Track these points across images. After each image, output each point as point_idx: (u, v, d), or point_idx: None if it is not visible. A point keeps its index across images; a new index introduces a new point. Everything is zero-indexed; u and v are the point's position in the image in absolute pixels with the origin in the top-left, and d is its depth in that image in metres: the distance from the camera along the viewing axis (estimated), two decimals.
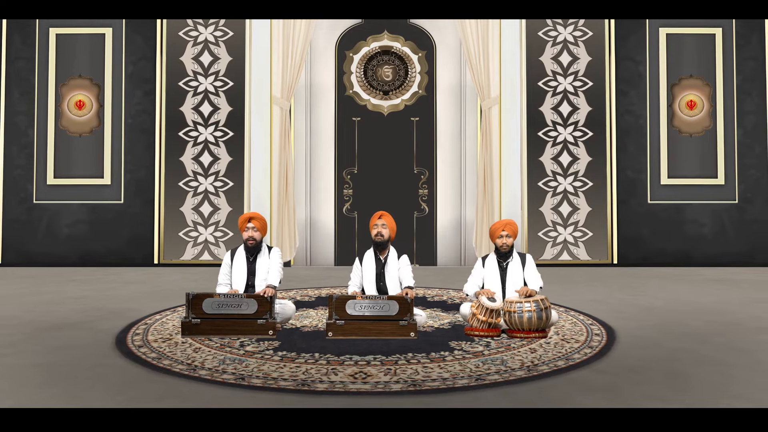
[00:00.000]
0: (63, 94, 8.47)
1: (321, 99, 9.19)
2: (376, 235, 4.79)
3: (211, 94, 8.47)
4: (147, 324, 4.76)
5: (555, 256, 8.42)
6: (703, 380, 3.30)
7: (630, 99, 8.56)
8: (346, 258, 8.89)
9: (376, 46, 9.16)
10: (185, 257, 8.36)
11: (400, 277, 4.80)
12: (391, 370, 3.49)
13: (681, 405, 2.88)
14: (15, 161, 8.48)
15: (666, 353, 3.90)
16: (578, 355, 3.83)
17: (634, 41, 8.52)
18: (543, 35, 8.48)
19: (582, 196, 8.48)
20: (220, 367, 3.55)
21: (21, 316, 5.11)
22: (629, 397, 3.03)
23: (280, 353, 3.86)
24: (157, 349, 3.99)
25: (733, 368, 3.53)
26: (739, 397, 3.00)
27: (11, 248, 8.44)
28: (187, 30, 8.42)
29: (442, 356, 3.80)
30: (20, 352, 3.93)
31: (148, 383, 3.29)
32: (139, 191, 8.49)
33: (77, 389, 3.20)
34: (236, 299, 4.38)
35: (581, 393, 3.10)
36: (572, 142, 8.50)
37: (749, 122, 8.53)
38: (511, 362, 3.66)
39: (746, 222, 8.51)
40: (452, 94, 9.21)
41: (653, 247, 8.48)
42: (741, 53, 8.50)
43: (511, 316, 4.30)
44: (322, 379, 3.31)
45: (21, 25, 8.46)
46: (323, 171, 9.19)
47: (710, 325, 4.73)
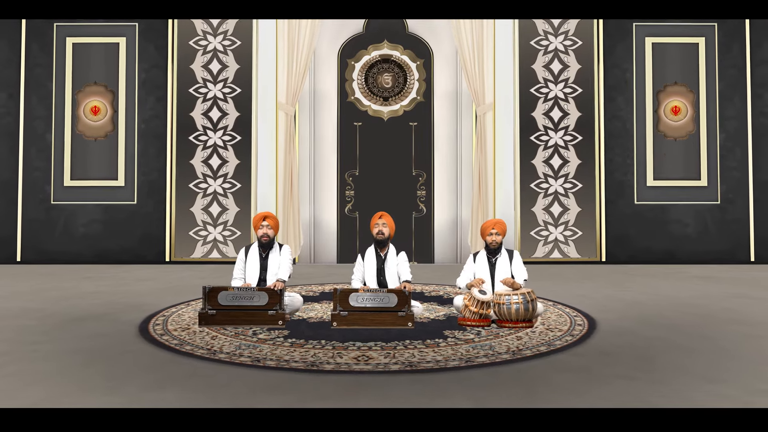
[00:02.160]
0: (79, 100, 8.76)
1: (324, 105, 9.39)
2: (377, 234, 5.07)
3: (219, 100, 8.73)
4: (165, 316, 5.03)
5: (546, 254, 8.68)
6: (667, 362, 3.64)
7: (617, 105, 8.81)
8: (347, 256, 9.13)
9: (377, 55, 9.35)
10: (195, 255, 8.63)
11: (398, 272, 5.08)
12: (390, 353, 3.81)
13: (644, 383, 3.24)
14: (33, 164, 8.73)
15: (640, 340, 4.20)
16: (560, 342, 4.14)
17: (621, 50, 8.78)
18: (535, 44, 8.75)
19: (572, 197, 8.74)
20: (236, 351, 3.87)
21: (46, 308, 5.35)
22: (599, 375, 3.37)
23: (290, 340, 4.15)
24: (177, 336, 4.28)
25: (695, 353, 3.86)
26: (695, 376, 3.37)
27: (30, 246, 8.68)
28: (196, 39, 8.70)
29: (436, 342, 4.11)
30: (55, 340, 4.22)
31: (175, 364, 3.60)
32: (152, 192, 8.74)
33: (116, 369, 3.52)
34: (249, 292, 4.65)
35: (557, 372, 3.44)
36: (563, 145, 8.75)
37: (731, 127, 8.79)
38: (498, 348, 3.98)
39: (728, 222, 8.76)
40: (449, 101, 9.40)
41: (640, 246, 8.73)
42: (723, 61, 8.77)
43: (500, 308, 4.58)
44: (329, 361, 3.63)
45: (39, 34, 8.72)
46: (326, 173, 9.37)
47: (686, 317, 5.01)
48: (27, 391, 3.09)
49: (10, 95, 8.74)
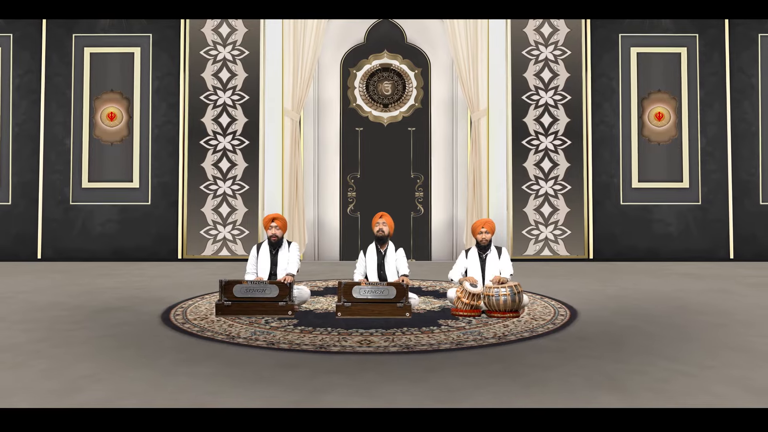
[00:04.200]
0: (96, 106, 9.02)
1: (327, 111, 9.60)
2: (378, 232, 5.44)
3: (228, 106, 8.99)
4: (183, 307, 5.34)
5: (537, 252, 8.97)
6: (633, 345, 4.05)
7: (604, 111, 9.06)
8: (350, 254, 9.35)
9: (377, 64, 9.54)
10: (206, 253, 8.92)
11: (397, 267, 5.44)
12: (390, 338, 4.20)
13: (608, 360, 3.67)
14: (53, 167, 8.99)
15: (615, 328, 4.55)
16: (542, 329, 4.51)
17: (608, 59, 9.05)
18: (526, 54, 9.02)
19: (561, 198, 9.00)
20: (252, 337, 4.24)
21: (70, 302, 5.61)
22: (570, 355, 3.78)
23: (299, 328, 4.51)
24: (197, 324, 4.64)
25: (660, 337, 4.26)
26: (654, 355, 3.79)
27: (49, 245, 8.95)
28: (207, 49, 8.99)
29: (431, 329, 4.49)
30: (85, 327, 4.53)
31: (198, 347, 3.99)
32: (165, 194, 8.99)
33: (147, 349, 3.91)
34: (261, 285, 4.99)
35: (535, 353, 3.85)
36: (552, 149, 9.00)
37: (711, 132, 9.05)
38: (486, 333, 4.36)
39: (708, 221, 9.02)
40: (445, 107, 9.61)
41: (625, 244, 8.98)
42: (704, 70, 9.03)
43: (490, 299, 4.93)
44: (335, 345, 4.03)
45: (59, 45, 9.00)
46: (329, 175, 9.57)
47: (661, 309, 5.32)
48: (77, 366, 3.52)
49: (32, 102, 9.01)
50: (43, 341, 4.13)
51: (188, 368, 3.49)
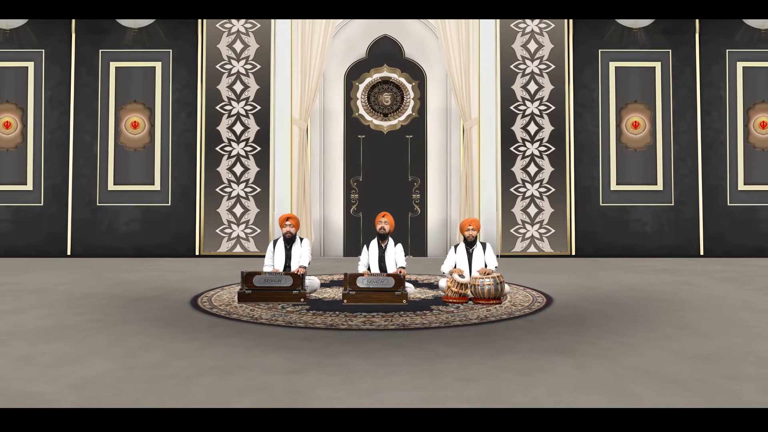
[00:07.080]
0: (121, 116, 9.52)
1: (332, 120, 10.04)
2: (380, 229, 6.06)
3: (242, 116, 9.47)
4: (207, 296, 5.86)
5: (524, 249, 9.46)
6: (593, 324, 4.70)
7: (585, 120, 9.55)
8: (353, 250, 9.76)
9: (378, 77, 9.96)
10: (221, 250, 9.41)
11: (396, 260, 6.06)
12: (389, 319, 4.86)
13: (568, 335, 4.39)
14: (82, 171, 9.50)
15: (583, 312, 5.11)
16: (519, 313, 5.11)
17: (588, 72, 9.54)
18: (514, 68, 9.53)
19: (546, 200, 9.46)
20: (272, 318, 4.88)
21: (104, 292, 6.02)
22: (538, 331, 4.46)
23: (311, 312, 5.14)
24: (223, 309, 5.22)
25: (616, 318, 4.90)
26: (606, 331, 4.49)
27: (79, 242, 9.45)
28: (222, 63, 9.49)
29: (424, 313, 5.14)
30: (126, 312, 4.99)
31: (228, 326, 4.62)
32: (184, 196, 9.48)
33: (186, 327, 4.53)
34: (277, 276, 5.58)
35: (510, 330, 4.52)
36: (538, 155, 9.49)
37: (683, 139, 9.54)
38: (470, 316, 5.00)
39: (680, 221, 9.51)
40: (440, 116, 10.05)
41: (604, 242, 9.46)
42: (676, 82, 9.52)
43: (476, 288, 5.50)
44: (343, 324, 4.70)
45: (87, 60, 9.51)
46: (334, 179, 10.00)
47: (628, 298, 5.77)
48: (134, 338, 4.22)
49: (62, 112, 9.50)
50: (98, 321, 4.74)
51: (225, 340, 4.18)
